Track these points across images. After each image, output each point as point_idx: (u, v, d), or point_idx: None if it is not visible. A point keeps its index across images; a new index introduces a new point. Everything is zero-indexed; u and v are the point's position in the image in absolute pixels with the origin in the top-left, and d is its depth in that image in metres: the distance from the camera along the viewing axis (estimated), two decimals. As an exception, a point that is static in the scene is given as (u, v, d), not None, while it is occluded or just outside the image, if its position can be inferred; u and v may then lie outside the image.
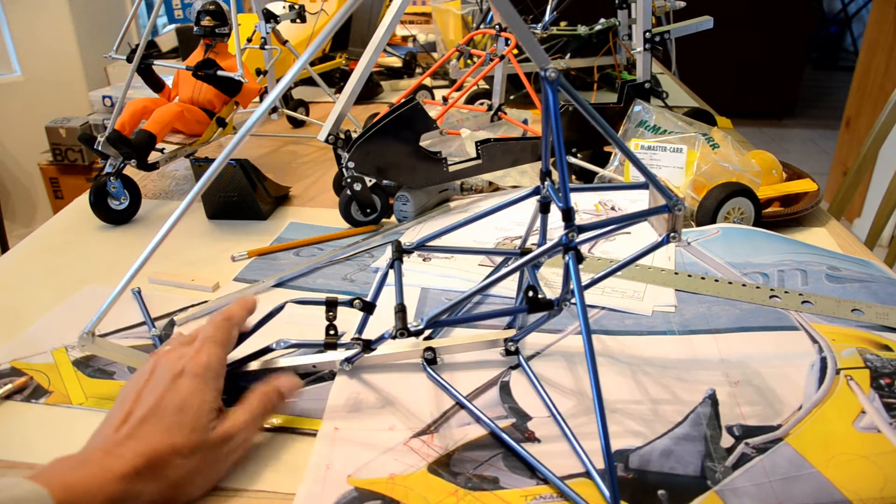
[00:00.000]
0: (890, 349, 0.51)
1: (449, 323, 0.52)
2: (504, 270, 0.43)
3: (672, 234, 0.45)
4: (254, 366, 0.50)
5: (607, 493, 0.38)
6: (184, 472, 0.38)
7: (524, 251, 0.51)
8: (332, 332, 0.47)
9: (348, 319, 0.52)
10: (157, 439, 0.38)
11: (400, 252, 0.49)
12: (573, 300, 0.42)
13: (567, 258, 0.41)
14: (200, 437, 0.39)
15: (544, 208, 0.49)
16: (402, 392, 0.48)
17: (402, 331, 0.42)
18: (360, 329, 0.51)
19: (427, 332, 0.53)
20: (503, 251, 0.53)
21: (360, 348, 0.47)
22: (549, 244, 0.42)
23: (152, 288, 0.64)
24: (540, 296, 0.44)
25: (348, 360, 0.49)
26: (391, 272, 0.48)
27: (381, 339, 0.45)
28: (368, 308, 0.47)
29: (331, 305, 0.48)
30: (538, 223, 0.50)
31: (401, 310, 0.43)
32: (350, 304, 0.47)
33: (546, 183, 0.47)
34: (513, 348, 0.52)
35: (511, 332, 0.52)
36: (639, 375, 0.49)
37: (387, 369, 0.51)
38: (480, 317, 0.56)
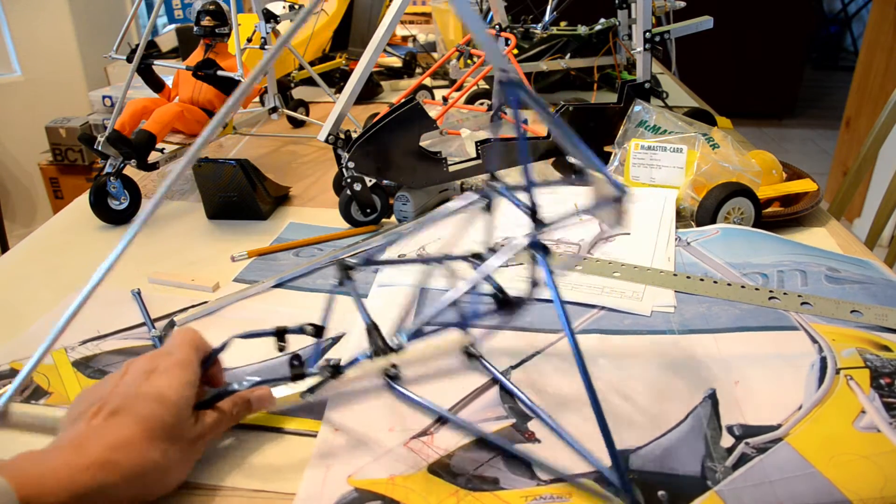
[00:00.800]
0: (890, 349, 0.51)
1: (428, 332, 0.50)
2: (478, 275, 0.42)
3: (618, 225, 0.44)
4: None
5: (616, 481, 0.38)
6: (156, 464, 0.37)
7: (476, 255, 0.49)
8: (296, 363, 0.44)
9: (348, 320, 0.52)
10: (129, 431, 0.36)
11: (345, 270, 0.47)
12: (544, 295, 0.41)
13: (538, 256, 0.41)
14: (178, 431, 0.38)
15: (488, 208, 0.49)
16: (402, 393, 0.48)
17: (383, 349, 0.40)
18: (318, 356, 0.49)
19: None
20: (464, 257, 0.51)
21: (329, 374, 0.44)
22: (515, 243, 0.42)
23: (152, 288, 0.64)
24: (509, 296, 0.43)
25: (310, 390, 0.45)
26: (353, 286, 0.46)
27: (355, 361, 0.43)
28: (318, 333, 0.45)
29: (280, 335, 0.44)
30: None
31: (374, 328, 0.42)
32: (300, 330, 0.44)
33: (496, 184, 0.47)
34: (475, 353, 0.51)
35: (468, 339, 0.52)
36: (638, 375, 0.49)
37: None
38: (459, 324, 0.50)
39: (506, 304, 0.43)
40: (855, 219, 2.43)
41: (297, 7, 1.08)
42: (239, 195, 0.78)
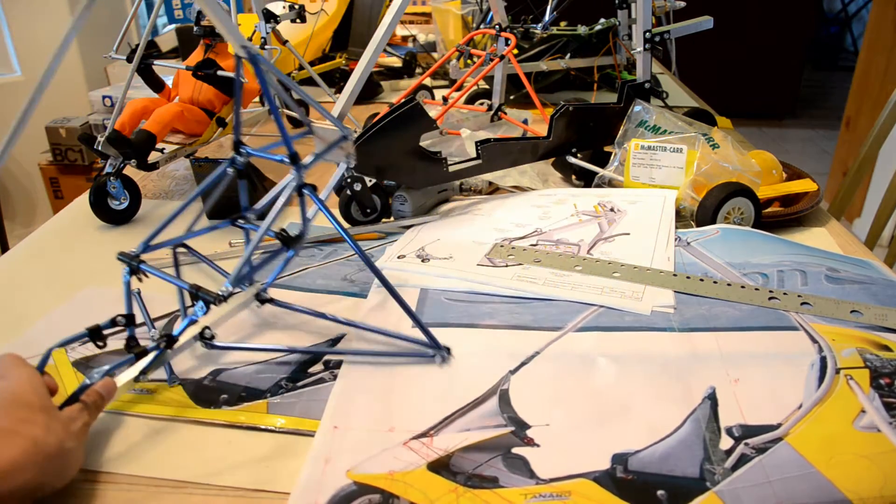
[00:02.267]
0: (890, 349, 0.51)
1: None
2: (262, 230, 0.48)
3: (349, 158, 0.55)
4: None
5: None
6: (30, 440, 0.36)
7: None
8: (132, 343, 0.47)
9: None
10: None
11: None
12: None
13: (304, 192, 0.50)
14: (43, 403, 0.38)
15: (241, 174, 0.55)
16: (403, 394, 0.48)
17: (214, 299, 0.44)
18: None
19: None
20: (233, 222, 0.59)
21: (165, 343, 0.46)
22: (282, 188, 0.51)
23: (154, 289, 0.64)
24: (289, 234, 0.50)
25: (143, 372, 0.46)
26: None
27: (187, 324, 0.45)
28: (130, 321, 0.48)
29: (95, 333, 0.46)
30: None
31: (197, 288, 0.45)
32: (112, 323, 0.47)
33: (242, 150, 0.54)
34: (265, 297, 0.57)
35: (258, 287, 0.57)
36: (638, 374, 0.49)
37: (387, 370, 0.51)
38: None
39: (288, 240, 0.49)
40: (855, 219, 2.43)
41: (296, 7, 1.09)
42: (239, 195, 0.78)
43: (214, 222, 0.59)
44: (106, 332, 0.47)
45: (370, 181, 0.75)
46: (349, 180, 0.74)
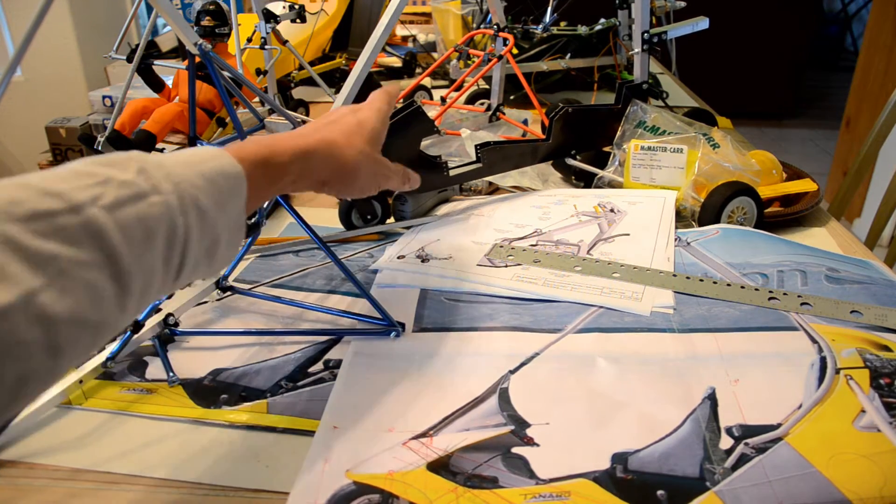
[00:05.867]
0: (889, 349, 0.51)
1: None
2: None
3: None
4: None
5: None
6: (354, 164, 0.46)
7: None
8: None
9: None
10: (335, 136, 0.46)
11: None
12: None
13: None
14: (370, 148, 0.48)
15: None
16: (402, 394, 0.48)
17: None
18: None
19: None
20: None
21: (131, 330, 0.52)
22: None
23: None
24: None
25: (112, 357, 0.51)
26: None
27: (154, 307, 0.54)
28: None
29: None
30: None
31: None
32: None
33: (198, 144, 0.57)
34: (224, 284, 0.61)
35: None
36: (638, 375, 0.49)
37: (387, 371, 0.51)
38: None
39: (248, 228, 0.53)
40: (855, 219, 2.43)
41: (296, 7, 1.09)
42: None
43: None
44: None
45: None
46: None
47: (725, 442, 0.43)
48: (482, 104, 1.03)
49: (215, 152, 0.37)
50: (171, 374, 0.51)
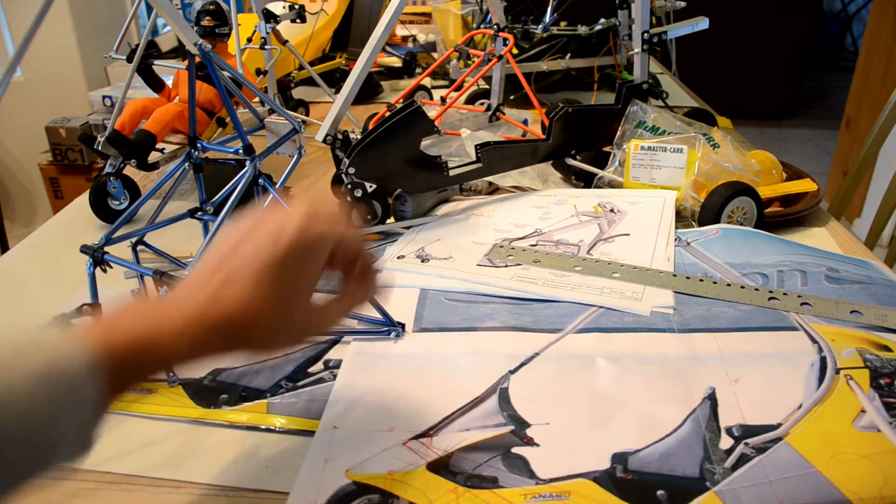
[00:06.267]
0: (889, 349, 0.51)
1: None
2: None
3: (301, 149, 0.62)
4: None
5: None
6: (265, 340, 0.34)
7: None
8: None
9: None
10: (243, 307, 0.32)
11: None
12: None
13: (260, 181, 0.58)
14: (297, 315, 0.35)
15: (197, 168, 0.61)
16: (402, 395, 0.48)
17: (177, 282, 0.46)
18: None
19: None
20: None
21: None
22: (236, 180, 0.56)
23: (150, 288, 0.64)
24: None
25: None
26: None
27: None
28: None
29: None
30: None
31: (160, 273, 0.51)
32: (79, 311, 0.49)
33: (198, 144, 0.60)
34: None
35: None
36: (638, 375, 0.49)
37: (387, 371, 0.51)
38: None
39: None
40: (855, 219, 2.43)
41: (296, 7, 1.09)
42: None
43: (175, 216, 0.63)
44: (73, 321, 0.47)
45: (370, 186, 0.75)
46: (349, 187, 0.74)
47: (725, 442, 0.43)
48: (482, 104, 1.02)
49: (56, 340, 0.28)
50: (170, 374, 0.51)
